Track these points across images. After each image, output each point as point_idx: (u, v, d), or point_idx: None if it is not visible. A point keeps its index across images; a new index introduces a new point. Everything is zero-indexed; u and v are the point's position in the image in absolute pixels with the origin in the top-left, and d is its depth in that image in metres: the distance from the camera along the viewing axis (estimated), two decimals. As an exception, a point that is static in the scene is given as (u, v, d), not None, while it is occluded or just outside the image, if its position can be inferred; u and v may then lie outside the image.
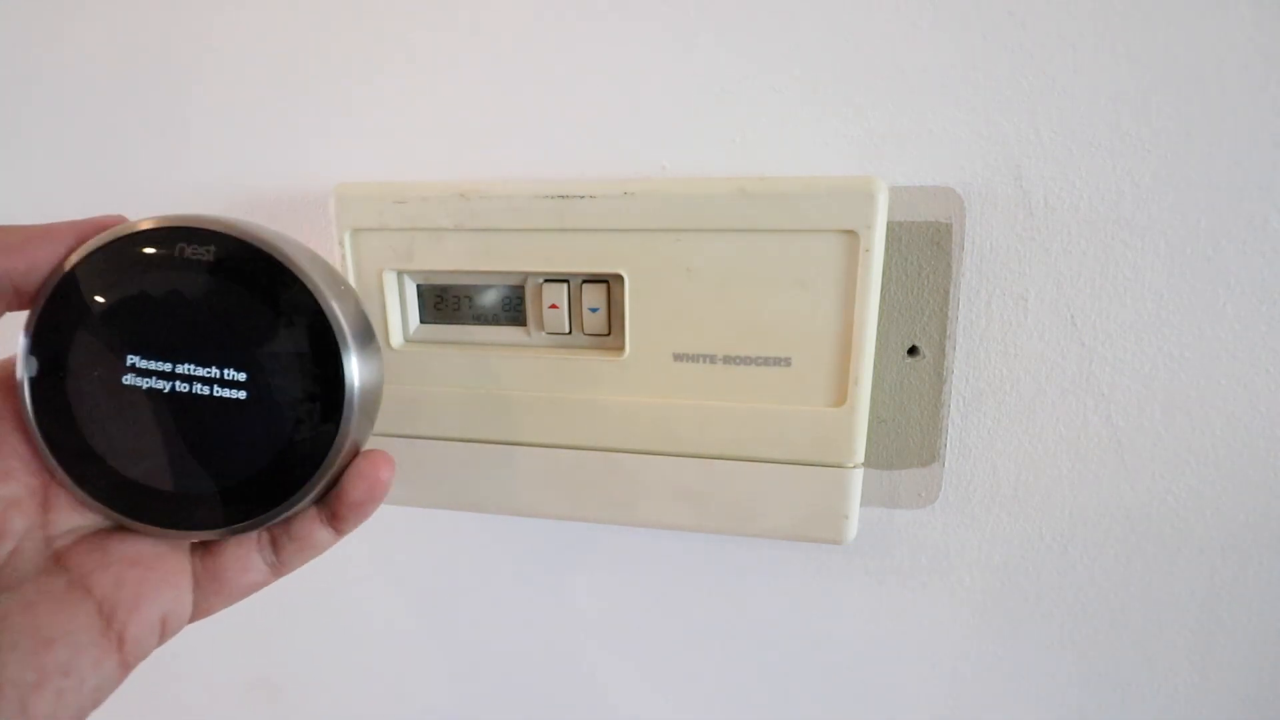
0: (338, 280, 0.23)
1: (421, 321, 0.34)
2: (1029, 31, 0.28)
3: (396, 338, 0.33)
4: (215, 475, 0.23)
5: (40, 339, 0.22)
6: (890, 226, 0.30)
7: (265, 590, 0.25)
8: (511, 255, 0.31)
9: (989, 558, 0.35)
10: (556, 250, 0.31)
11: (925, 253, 0.31)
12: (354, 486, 0.24)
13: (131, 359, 0.22)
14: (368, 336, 0.24)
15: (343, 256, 0.32)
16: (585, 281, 0.31)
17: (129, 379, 0.22)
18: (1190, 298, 0.29)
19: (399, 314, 0.33)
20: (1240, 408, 0.31)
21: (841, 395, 0.30)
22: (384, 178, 0.34)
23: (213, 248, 0.22)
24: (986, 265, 0.31)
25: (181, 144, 0.36)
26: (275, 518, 0.23)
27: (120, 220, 0.22)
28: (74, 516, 0.23)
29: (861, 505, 0.34)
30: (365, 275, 0.32)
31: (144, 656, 0.23)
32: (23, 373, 0.22)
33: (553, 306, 0.32)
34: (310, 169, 0.35)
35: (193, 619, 0.24)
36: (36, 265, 0.21)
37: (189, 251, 0.22)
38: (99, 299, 0.22)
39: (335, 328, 0.22)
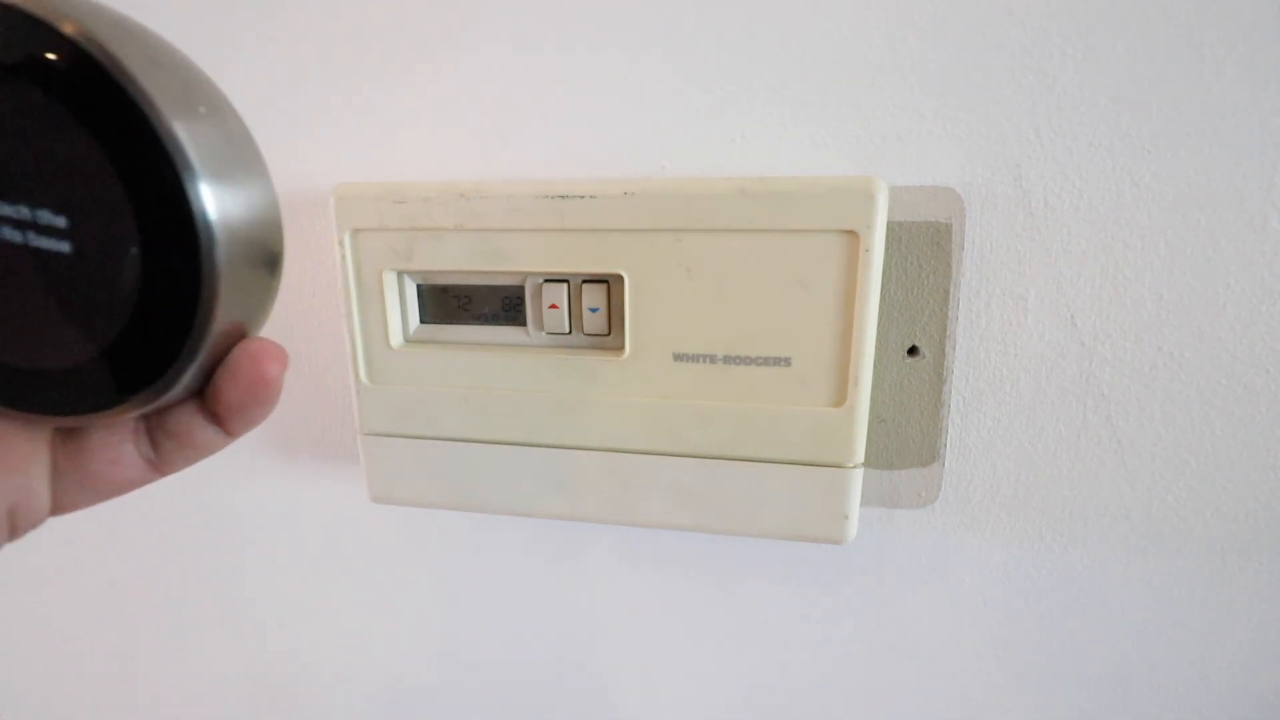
0: (193, 84, 0.18)
1: (421, 321, 0.34)
2: (1029, 31, 0.28)
3: (396, 338, 0.33)
4: (47, 346, 0.17)
5: None
6: (890, 226, 0.30)
7: (264, 590, 0.24)
8: (511, 255, 0.31)
9: (989, 558, 0.35)
10: (556, 250, 0.31)
11: (925, 253, 0.31)
12: (229, 385, 0.19)
13: None
14: (240, 167, 0.18)
15: (343, 256, 0.32)
16: (585, 281, 0.31)
17: None
18: (1190, 298, 0.29)
19: (399, 314, 0.33)
20: (1240, 408, 0.31)
21: (841, 395, 0.30)
22: (384, 178, 0.34)
23: (29, 41, 0.15)
24: (986, 265, 0.31)
25: (181, 144, 0.36)
26: (127, 411, 0.18)
27: None
28: None
29: (861, 505, 0.34)
30: (365, 275, 0.32)
31: None
32: None
33: (553, 306, 0.32)
34: (310, 169, 0.35)
35: (54, 512, 0.20)
36: None
37: None
38: None
39: (172, 150, 0.16)
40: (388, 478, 0.36)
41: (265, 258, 0.19)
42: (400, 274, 0.33)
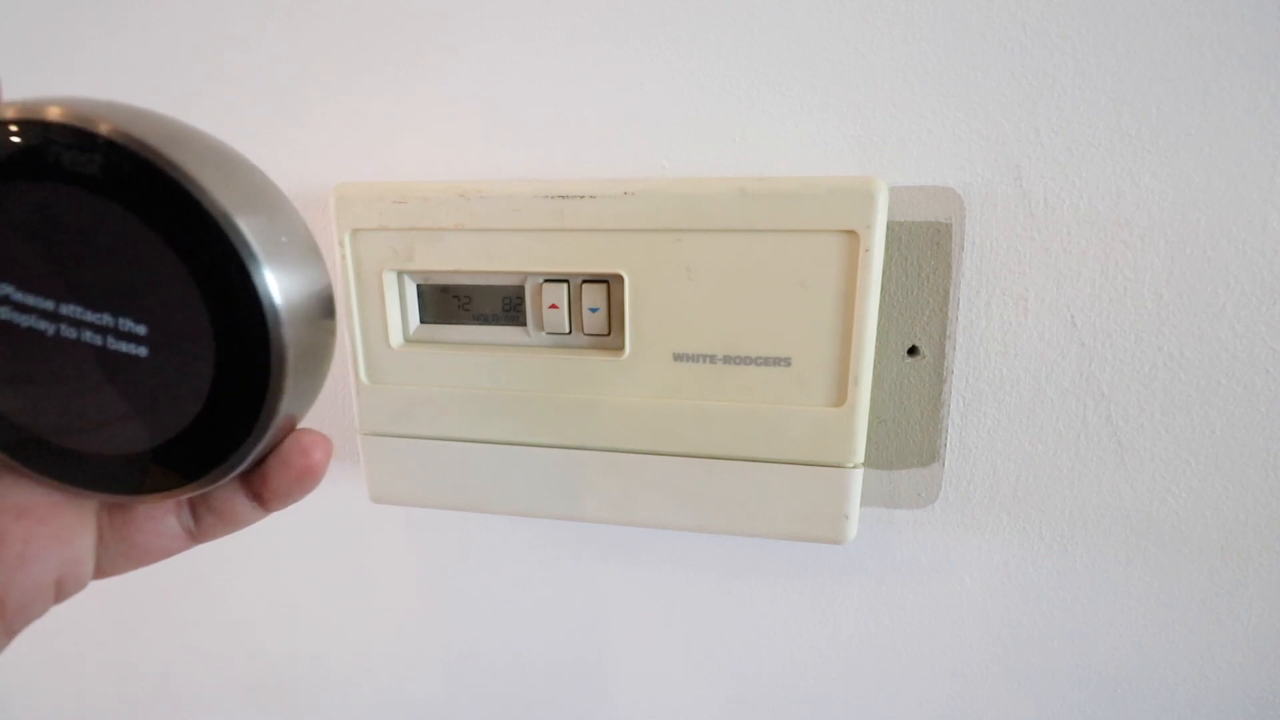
0: (278, 211, 0.19)
1: (421, 321, 0.34)
2: (1029, 31, 0.28)
3: (396, 338, 0.33)
4: (114, 435, 0.19)
5: None
6: (890, 226, 0.30)
7: (265, 589, 0.24)
8: (511, 255, 0.31)
9: (989, 558, 0.35)
10: (556, 250, 0.31)
11: (925, 253, 0.31)
12: (279, 472, 0.20)
13: (5, 289, 0.17)
14: (308, 280, 0.19)
15: (343, 256, 0.32)
16: (585, 281, 0.31)
17: (4, 313, 0.18)
18: (1190, 298, 0.29)
19: (399, 314, 0.33)
20: (1240, 407, 0.31)
21: (841, 395, 0.30)
22: (384, 178, 0.34)
23: (98, 158, 0.16)
24: (986, 265, 0.31)
25: (181, 144, 0.36)
26: (191, 493, 0.20)
27: None
28: None
29: (861, 505, 0.34)
30: (365, 275, 0.32)
31: (31, 620, 0.20)
32: None
33: (553, 306, 0.32)
34: (310, 169, 0.35)
35: (95, 578, 0.21)
36: None
37: (68, 160, 0.16)
38: None
39: (260, 290, 0.17)
40: (388, 478, 0.36)
41: (321, 365, 0.20)
42: (400, 274, 0.33)
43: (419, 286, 0.33)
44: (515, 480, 0.34)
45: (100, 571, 0.21)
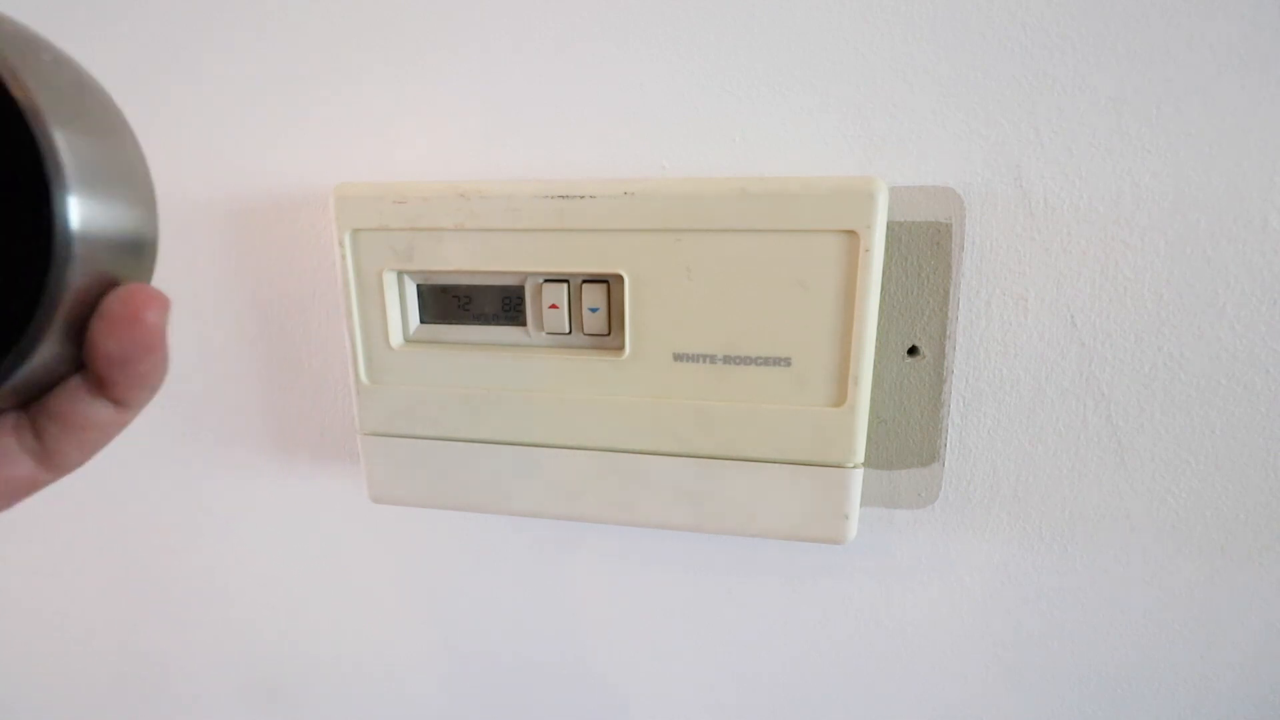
0: (19, 36, 0.16)
1: (421, 321, 0.34)
2: (1029, 31, 0.28)
3: (396, 338, 0.33)
4: None
5: None
6: (890, 226, 0.30)
7: (265, 590, 0.23)
8: (511, 255, 0.31)
9: (989, 558, 0.35)
10: (556, 250, 0.31)
11: (925, 253, 0.31)
12: (104, 334, 0.16)
13: None
14: (85, 106, 0.16)
15: (343, 256, 0.32)
16: (585, 281, 0.31)
17: None
18: (1190, 298, 0.29)
19: (399, 314, 0.33)
20: (1240, 407, 0.31)
21: (841, 395, 0.30)
22: (384, 178, 0.34)
23: None
24: (986, 265, 0.31)
25: (182, 144, 0.36)
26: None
27: None
28: None
29: (861, 505, 0.34)
30: (365, 275, 0.32)
31: None
32: None
33: (553, 306, 0.32)
34: (310, 169, 0.35)
35: None
36: None
37: None
38: None
39: (21, 99, 0.15)
40: (388, 478, 0.36)
41: (140, 201, 0.17)
42: (400, 274, 0.33)
43: (419, 286, 0.33)
44: (515, 480, 0.34)
45: None
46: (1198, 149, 0.28)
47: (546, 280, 0.32)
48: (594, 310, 0.32)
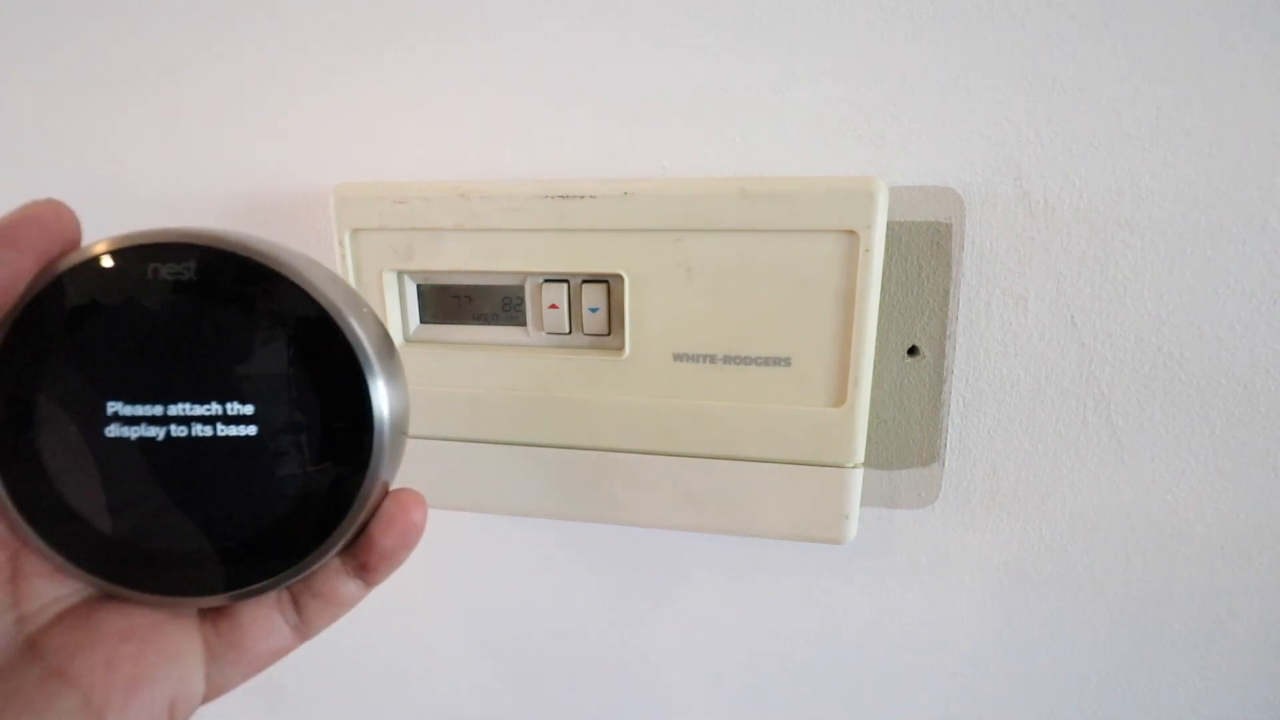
0: (348, 290, 0.20)
1: (421, 321, 0.34)
2: (1029, 31, 0.28)
3: (396, 338, 0.33)
4: (224, 529, 0.20)
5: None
6: (890, 226, 0.30)
7: None
8: (511, 255, 0.31)
9: (989, 558, 0.35)
10: (556, 250, 0.31)
11: (925, 253, 0.31)
12: (384, 533, 0.20)
13: (112, 406, 0.19)
14: (391, 355, 0.20)
15: (343, 256, 0.32)
16: (585, 281, 0.31)
17: (113, 430, 0.19)
18: (1190, 298, 0.29)
19: (399, 314, 0.33)
20: (1240, 407, 0.31)
21: (841, 395, 0.30)
22: (384, 178, 0.34)
23: (192, 264, 0.18)
24: (986, 265, 0.31)
25: (181, 144, 0.36)
26: (297, 575, 0.20)
27: (56, 208, 0.19)
28: (51, 588, 0.19)
29: (861, 505, 0.34)
30: (365, 275, 0.32)
31: None
32: None
33: (553, 306, 0.32)
34: (310, 169, 0.35)
35: (207, 698, 0.21)
36: None
37: (164, 271, 0.18)
38: (64, 338, 0.19)
39: (355, 345, 0.19)
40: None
41: (405, 433, 0.21)
42: (400, 274, 0.33)
43: (419, 286, 0.33)
44: (515, 480, 0.34)
45: (212, 687, 0.21)
46: (1198, 149, 0.28)
47: (546, 280, 0.32)
48: (594, 310, 0.32)
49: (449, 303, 0.33)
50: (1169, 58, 0.27)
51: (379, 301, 0.33)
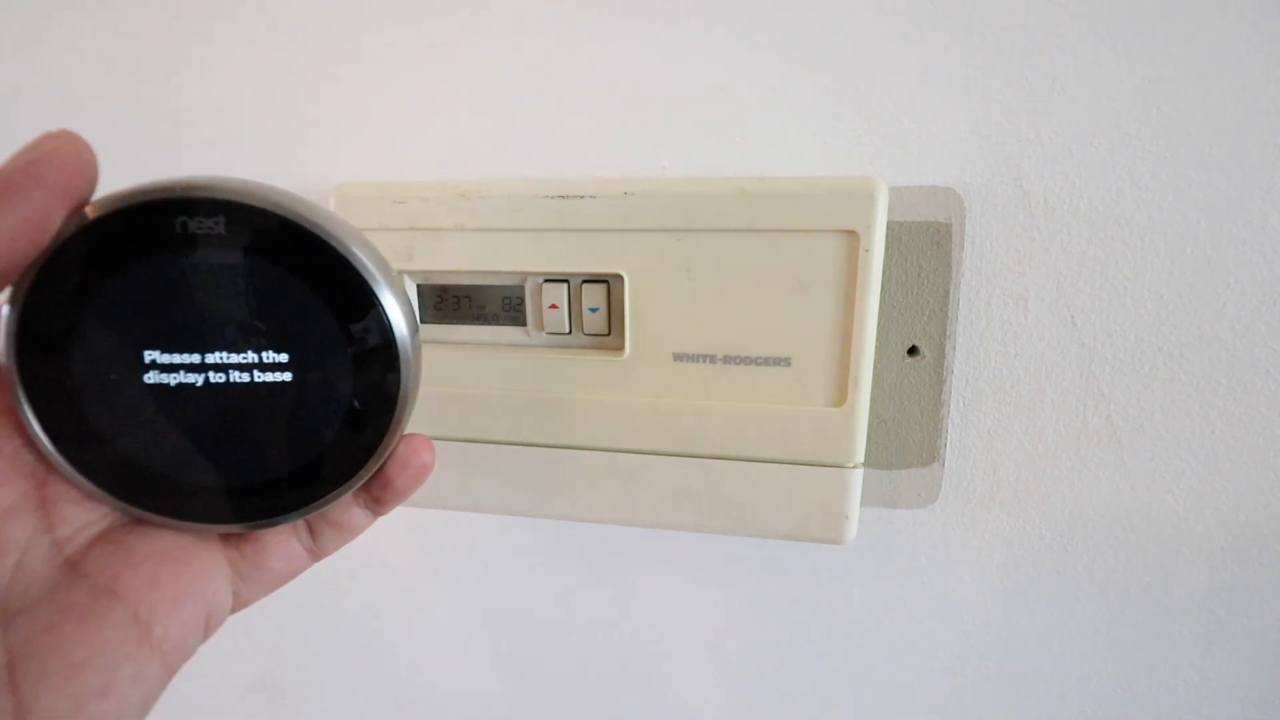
0: (371, 246, 0.21)
1: (421, 321, 0.34)
2: (1029, 31, 0.28)
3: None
4: (255, 466, 0.21)
5: (29, 327, 0.19)
6: (890, 226, 0.30)
7: None
8: (511, 255, 0.31)
9: (989, 558, 0.35)
10: (556, 250, 0.31)
11: (925, 253, 0.31)
12: (398, 473, 0.23)
13: (150, 354, 0.20)
14: (413, 313, 0.22)
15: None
16: (585, 281, 0.31)
17: (152, 377, 0.20)
18: (1190, 298, 0.29)
19: (399, 314, 0.33)
20: (1240, 408, 0.31)
21: (841, 395, 0.30)
22: (384, 178, 0.34)
23: (221, 219, 0.19)
24: (986, 265, 0.31)
25: (181, 144, 0.36)
26: (319, 508, 0.22)
27: (76, 144, 0.19)
28: (80, 513, 0.21)
29: (861, 505, 0.34)
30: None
31: (189, 656, 0.21)
32: (10, 358, 0.19)
33: (553, 306, 0.32)
34: (310, 169, 0.35)
35: (233, 610, 0.23)
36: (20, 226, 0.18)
37: (193, 226, 0.19)
38: (95, 285, 0.19)
39: (383, 300, 0.20)
40: (388, 478, 0.36)
41: (419, 380, 0.23)
42: (400, 274, 0.33)
43: (419, 286, 0.34)
44: (515, 480, 0.34)
45: (239, 601, 0.23)
46: (1198, 149, 0.28)
47: (546, 280, 0.32)
48: (594, 310, 0.32)
49: (449, 303, 0.33)
50: (1169, 58, 0.27)
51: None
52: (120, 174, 0.37)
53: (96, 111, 0.36)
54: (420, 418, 0.34)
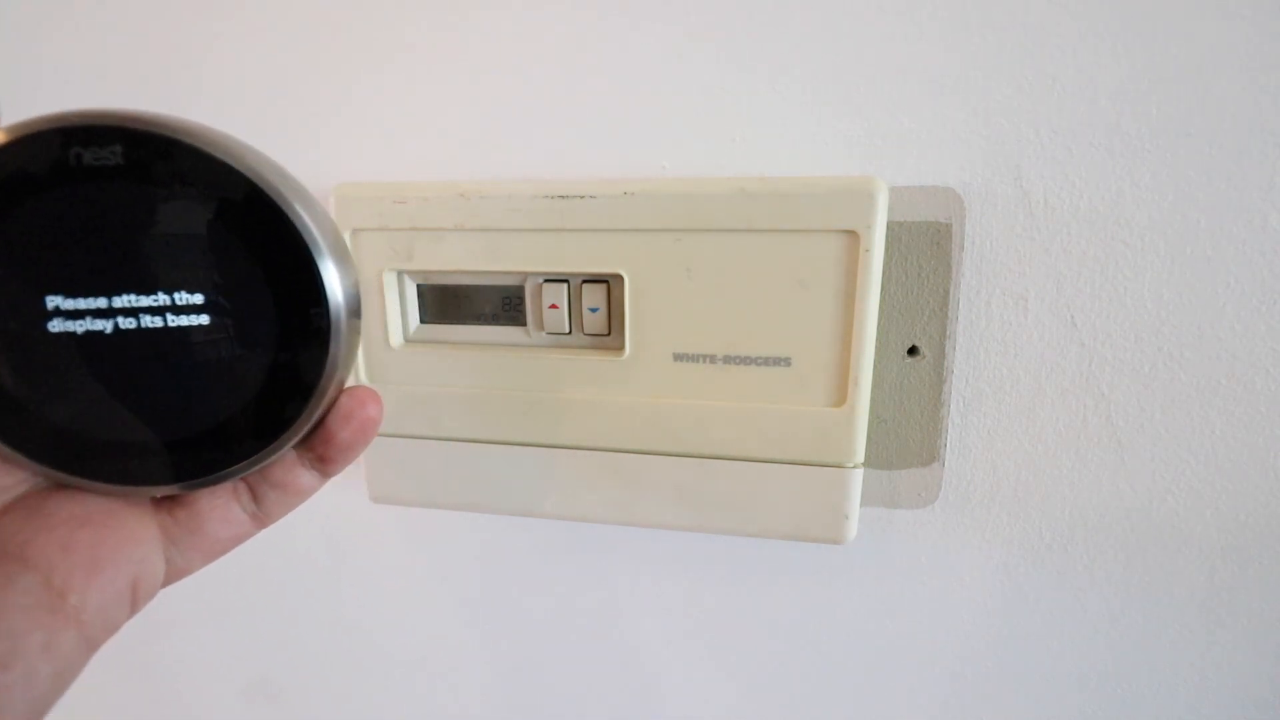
0: (284, 172, 0.19)
1: (421, 321, 0.34)
2: (1029, 31, 0.28)
3: (396, 338, 0.33)
4: (177, 420, 0.19)
5: None
6: (890, 226, 0.30)
7: (265, 589, 0.24)
8: (511, 255, 0.31)
9: (989, 558, 0.35)
10: (556, 250, 0.31)
11: (925, 253, 0.31)
12: (341, 426, 0.21)
13: (52, 300, 0.18)
14: (339, 238, 0.20)
15: (343, 256, 0.32)
16: (585, 281, 0.31)
17: (56, 325, 0.18)
18: (1190, 298, 0.29)
19: (399, 314, 0.33)
20: (1240, 408, 0.31)
21: (841, 395, 0.30)
22: (384, 178, 0.34)
23: (118, 148, 0.17)
24: (986, 265, 0.31)
25: (181, 144, 0.36)
26: (252, 467, 0.20)
27: None
28: None
29: (861, 505, 0.34)
30: (365, 275, 0.32)
31: (113, 629, 0.19)
32: None
33: (553, 306, 0.32)
34: (310, 169, 0.35)
35: (168, 580, 0.21)
36: None
37: (88, 157, 0.17)
38: None
39: (302, 228, 0.18)
40: (387, 478, 0.36)
41: (359, 326, 0.21)
42: (400, 274, 0.33)
43: (419, 286, 0.33)
44: (515, 480, 0.34)
45: (174, 569, 0.21)
46: (1198, 149, 0.28)
47: (546, 280, 0.32)
48: (594, 310, 0.32)
49: (449, 303, 0.33)
50: (1169, 58, 0.27)
51: (379, 302, 0.33)
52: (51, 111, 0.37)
53: (96, 111, 0.36)
54: (420, 418, 0.34)
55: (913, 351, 0.32)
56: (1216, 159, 0.28)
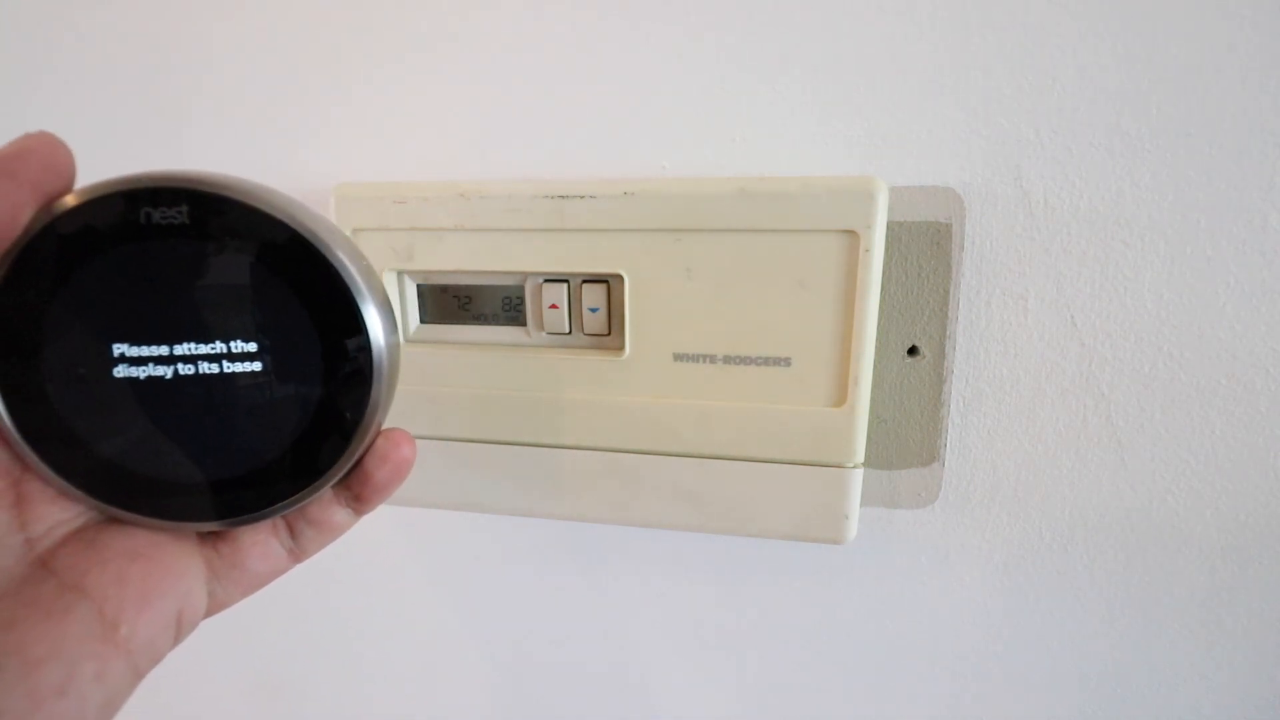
0: (332, 226, 0.21)
1: (421, 321, 0.34)
2: (1029, 31, 0.28)
3: (396, 338, 0.33)
4: (227, 460, 0.21)
5: (1, 323, 0.19)
6: (890, 226, 0.30)
7: (265, 589, 0.24)
8: (511, 255, 0.31)
9: (989, 558, 0.35)
10: (556, 250, 0.31)
11: (925, 253, 0.31)
12: (378, 468, 0.22)
13: (119, 348, 0.20)
14: (383, 293, 0.21)
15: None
16: (585, 281, 0.31)
17: (121, 370, 0.20)
18: (1190, 298, 0.29)
19: (399, 314, 0.33)
20: (1240, 408, 0.31)
21: (841, 395, 0.30)
22: (384, 178, 0.34)
23: (183, 208, 0.19)
24: (986, 265, 0.31)
25: (181, 145, 0.36)
26: (294, 505, 0.21)
27: (51, 142, 0.19)
28: (54, 511, 0.20)
29: (861, 505, 0.34)
30: (365, 275, 0.32)
31: (158, 660, 0.20)
32: None
33: (553, 306, 0.32)
34: (310, 169, 0.35)
35: (209, 612, 0.22)
36: None
37: (156, 216, 0.19)
38: (65, 278, 0.19)
39: (350, 283, 0.20)
40: (388, 478, 0.35)
41: (398, 371, 0.22)
42: (400, 274, 0.33)
43: (419, 286, 0.34)
44: (515, 480, 0.34)
45: (215, 601, 0.22)
46: (1198, 149, 0.28)
47: (546, 280, 0.32)
48: (594, 310, 0.32)
49: (449, 303, 0.33)
50: (1169, 58, 0.27)
51: (379, 301, 0.33)
52: (120, 172, 0.37)
53: (98, 112, 0.36)
54: (420, 418, 0.34)
55: (913, 351, 0.32)
56: (1216, 159, 0.28)
